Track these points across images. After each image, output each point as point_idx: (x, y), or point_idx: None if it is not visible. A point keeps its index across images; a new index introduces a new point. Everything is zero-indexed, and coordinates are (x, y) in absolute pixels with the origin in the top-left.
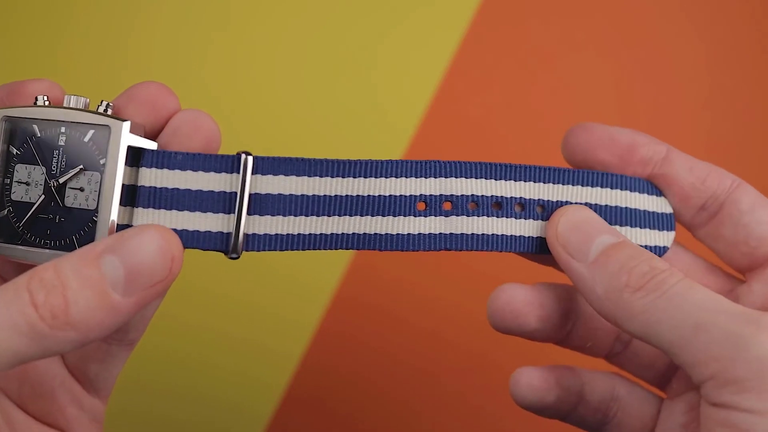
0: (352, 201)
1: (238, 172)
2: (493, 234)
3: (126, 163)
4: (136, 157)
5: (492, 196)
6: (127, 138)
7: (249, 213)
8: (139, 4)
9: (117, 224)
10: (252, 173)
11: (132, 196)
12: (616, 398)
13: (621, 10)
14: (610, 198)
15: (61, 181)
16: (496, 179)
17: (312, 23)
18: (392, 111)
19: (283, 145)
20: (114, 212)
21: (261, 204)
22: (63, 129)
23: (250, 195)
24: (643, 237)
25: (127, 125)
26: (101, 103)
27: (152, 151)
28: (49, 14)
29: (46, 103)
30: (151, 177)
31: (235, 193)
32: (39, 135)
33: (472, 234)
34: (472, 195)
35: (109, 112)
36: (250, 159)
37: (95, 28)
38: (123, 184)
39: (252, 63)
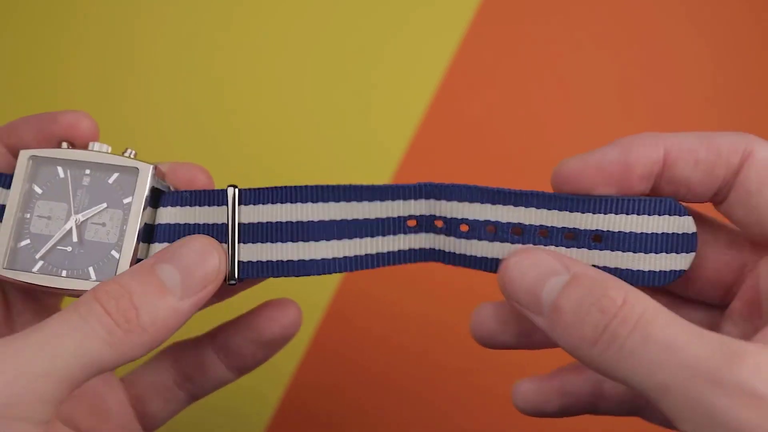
0: (339, 225)
1: (227, 204)
2: (483, 256)
3: (148, 204)
4: (155, 198)
5: (485, 220)
6: (152, 180)
7: (241, 242)
8: (140, 11)
9: (137, 258)
10: (239, 204)
11: (149, 233)
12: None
13: (621, 9)
14: (623, 224)
15: (84, 218)
16: (492, 204)
17: (312, 24)
18: (392, 111)
19: (282, 144)
20: (134, 248)
21: (251, 232)
22: (88, 171)
23: (240, 225)
24: (658, 263)
25: (152, 168)
26: (126, 150)
27: (170, 192)
28: (51, 19)
29: (69, 148)
30: (167, 215)
31: (226, 224)
32: (63, 175)
33: (462, 254)
34: (464, 218)
35: (132, 157)
36: (235, 191)
37: (96, 33)
38: (145, 223)
39: (253, 63)
